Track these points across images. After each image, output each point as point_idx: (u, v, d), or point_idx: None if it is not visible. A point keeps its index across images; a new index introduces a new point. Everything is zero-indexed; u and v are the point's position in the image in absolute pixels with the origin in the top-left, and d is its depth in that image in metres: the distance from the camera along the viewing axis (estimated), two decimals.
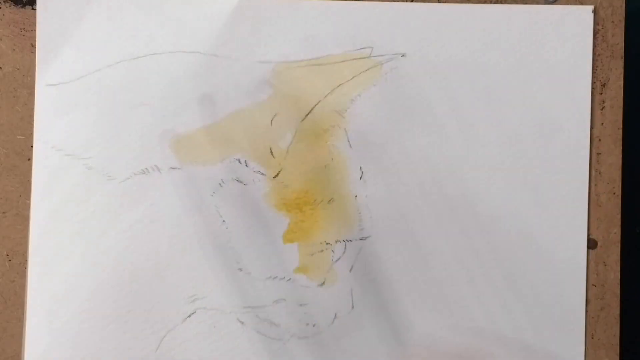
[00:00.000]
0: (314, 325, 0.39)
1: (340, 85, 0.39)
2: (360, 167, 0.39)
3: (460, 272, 0.39)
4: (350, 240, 0.39)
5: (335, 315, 0.39)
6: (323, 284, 0.39)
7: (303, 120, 0.39)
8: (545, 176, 0.39)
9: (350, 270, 0.39)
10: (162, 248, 0.39)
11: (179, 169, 0.39)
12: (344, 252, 0.39)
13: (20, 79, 0.39)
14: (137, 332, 0.39)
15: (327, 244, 0.39)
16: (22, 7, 0.39)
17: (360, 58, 0.39)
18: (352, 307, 0.39)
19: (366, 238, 0.39)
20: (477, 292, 0.39)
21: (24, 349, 0.38)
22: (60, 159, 0.38)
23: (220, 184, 0.39)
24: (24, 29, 0.39)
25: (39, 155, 0.38)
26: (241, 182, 0.39)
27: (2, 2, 0.39)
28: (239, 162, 0.39)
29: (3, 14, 0.39)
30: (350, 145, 0.39)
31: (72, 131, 0.38)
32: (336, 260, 0.39)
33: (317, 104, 0.39)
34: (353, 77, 0.39)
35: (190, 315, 0.39)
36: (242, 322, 0.39)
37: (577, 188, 0.39)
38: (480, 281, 0.39)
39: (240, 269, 0.39)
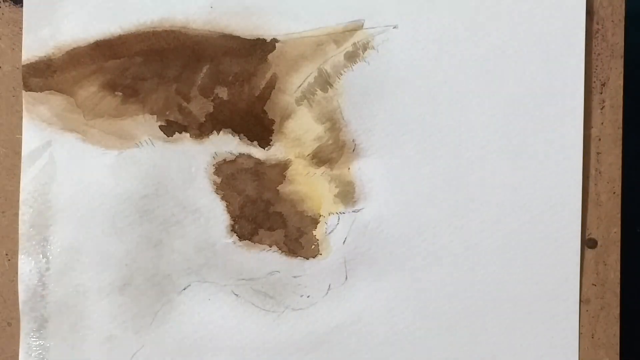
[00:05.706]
0: (308, 297, 0.39)
1: (332, 57, 0.39)
2: (354, 140, 0.39)
3: (454, 243, 0.39)
4: (344, 213, 0.39)
5: (329, 286, 0.39)
6: (317, 256, 0.39)
7: (295, 92, 0.39)
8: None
9: (344, 242, 0.39)
10: (156, 222, 0.39)
11: (172, 142, 0.39)
12: (338, 224, 0.39)
13: (20, 78, 0.38)
14: (132, 306, 0.39)
15: (320, 216, 0.39)
16: (21, 6, 0.38)
17: (352, 30, 0.39)
18: (346, 278, 0.39)
19: (359, 210, 0.39)
20: (471, 263, 0.39)
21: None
22: (50, 139, 0.38)
23: (213, 157, 0.39)
24: (23, 27, 0.38)
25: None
26: (234, 154, 0.39)
27: (1, 1, 0.39)
28: (232, 135, 0.39)
29: (2, 13, 0.39)
30: (343, 117, 0.39)
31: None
32: (329, 232, 0.39)
33: (308, 76, 0.39)
34: (345, 50, 0.39)
35: (185, 289, 0.39)
36: (236, 295, 0.39)
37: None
38: (472, 253, 0.39)
39: (234, 242, 0.39)
